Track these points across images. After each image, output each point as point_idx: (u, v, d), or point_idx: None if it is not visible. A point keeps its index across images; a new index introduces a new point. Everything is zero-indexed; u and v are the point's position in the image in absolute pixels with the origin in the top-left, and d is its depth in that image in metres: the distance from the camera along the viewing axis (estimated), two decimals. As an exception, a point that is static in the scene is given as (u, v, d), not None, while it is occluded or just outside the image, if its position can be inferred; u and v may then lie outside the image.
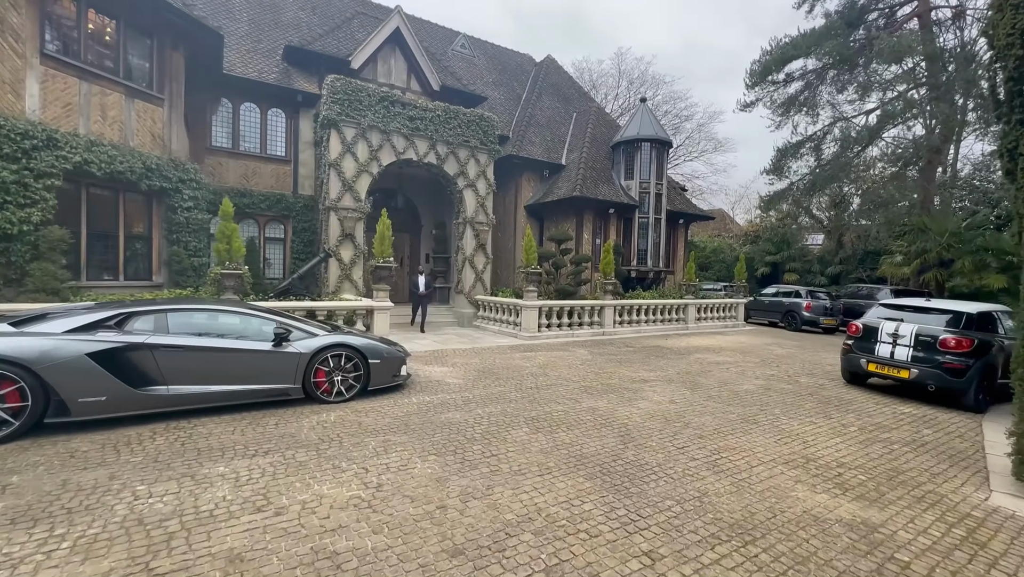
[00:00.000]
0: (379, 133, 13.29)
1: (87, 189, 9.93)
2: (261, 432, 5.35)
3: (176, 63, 11.50)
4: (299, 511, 3.69)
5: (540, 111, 19.77)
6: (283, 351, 6.21)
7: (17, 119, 8.61)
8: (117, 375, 5.34)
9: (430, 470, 4.52)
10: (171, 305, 6.11)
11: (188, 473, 4.29)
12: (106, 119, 10.15)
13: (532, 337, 12.39)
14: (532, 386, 7.76)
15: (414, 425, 5.71)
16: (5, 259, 8.50)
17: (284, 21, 16.55)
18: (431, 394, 7.10)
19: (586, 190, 16.40)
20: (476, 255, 14.80)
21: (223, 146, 14.51)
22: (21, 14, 8.83)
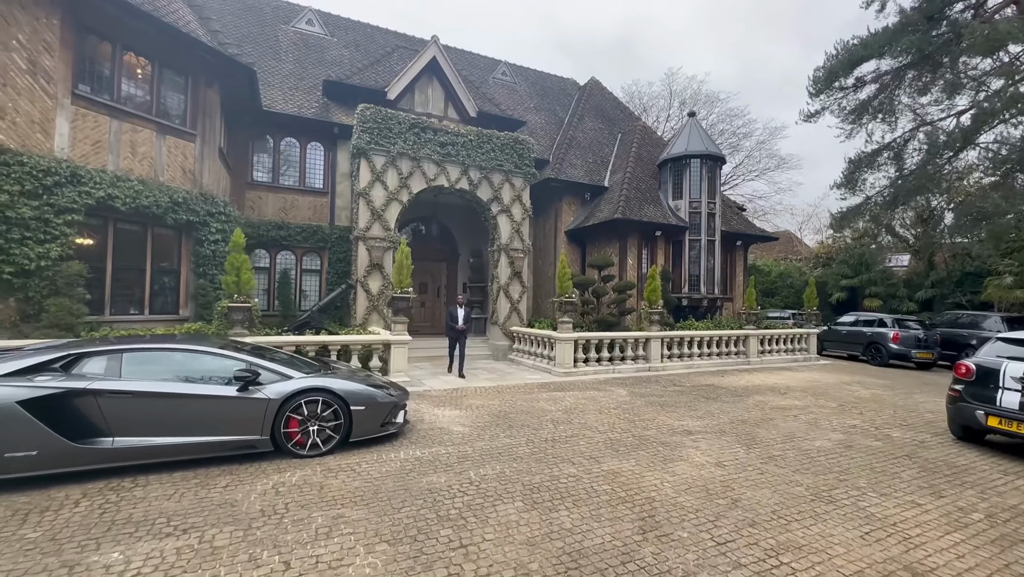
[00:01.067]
0: (409, 160, 12.67)
1: (114, 224, 9.80)
2: (202, 497, 4.39)
3: (210, 100, 11.43)
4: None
5: (582, 133, 18.68)
6: (249, 397, 5.28)
7: (43, 157, 8.56)
8: (53, 426, 4.58)
9: (369, 571, 3.33)
10: (128, 345, 5.39)
11: (69, 563, 3.35)
12: (136, 155, 10.07)
13: (567, 373, 10.99)
14: (548, 438, 6.42)
15: (385, 492, 4.56)
16: (23, 294, 8.32)
17: (327, 59, 16.62)
18: (425, 447, 5.94)
19: (629, 212, 14.96)
20: (511, 284, 13.70)
21: (263, 181, 14.44)
22: (55, 57, 8.88)
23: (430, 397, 8.75)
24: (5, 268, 8.03)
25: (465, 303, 11.14)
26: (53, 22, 8.85)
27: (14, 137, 8.34)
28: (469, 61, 20.32)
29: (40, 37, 8.68)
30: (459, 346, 11.00)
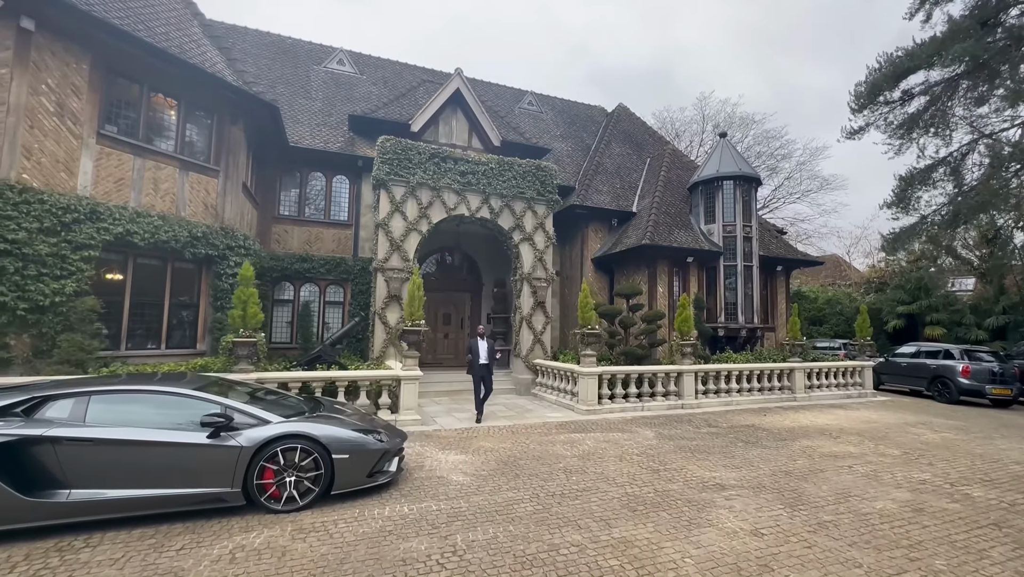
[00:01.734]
0: (429, 190, 12.35)
1: (134, 259, 9.78)
2: (149, 564, 3.83)
3: (234, 137, 11.51)
4: None
5: (609, 159, 18.04)
6: (220, 444, 4.75)
7: (63, 195, 8.63)
8: (4, 478, 4.21)
9: None
10: (97, 386, 4.99)
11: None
12: (158, 191, 10.12)
13: (590, 411, 10.08)
14: (556, 492, 5.60)
15: (353, 563, 3.87)
16: (36, 330, 8.26)
17: (356, 96, 16.81)
18: (415, 501, 5.23)
19: (658, 237, 14.09)
20: (534, 314, 12.99)
21: (289, 214, 14.47)
22: (82, 99, 9.06)
23: (438, 438, 8.06)
24: (20, 304, 7.99)
25: (487, 334, 9.58)
26: (83, 66, 9.05)
27: (38, 176, 8.44)
28: (496, 92, 20.23)
29: (69, 81, 8.86)
30: (484, 385, 9.47)
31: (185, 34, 11.09)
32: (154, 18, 10.50)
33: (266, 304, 13.77)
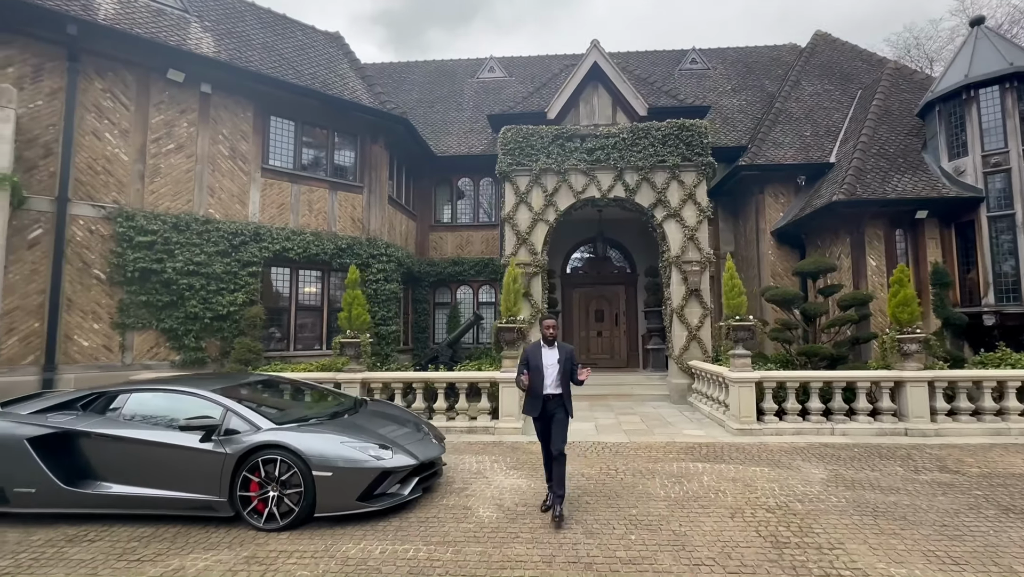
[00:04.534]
0: (554, 175, 11.00)
1: (296, 271, 10.98)
2: (108, 567, 3.59)
3: (376, 154, 12.15)
4: None
5: (796, 103, 13.65)
6: (208, 449, 4.39)
7: (235, 222, 10.10)
8: (51, 466, 4.55)
9: None
10: (138, 386, 5.20)
11: None
12: (312, 211, 11.21)
13: (744, 430, 7.23)
14: (584, 558, 3.71)
15: None
16: (220, 335, 9.77)
17: (503, 98, 16.48)
18: (402, 540, 3.99)
19: (864, 188, 9.77)
20: (687, 305, 10.33)
21: (444, 222, 14.84)
22: (248, 141, 10.57)
23: (521, 453, 6.66)
24: (207, 314, 9.55)
25: (551, 336, 4.92)
26: (247, 114, 10.55)
27: (219, 209, 10.06)
28: (651, 60, 17.54)
29: (238, 128, 10.41)
30: (554, 432, 4.69)
31: (332, 71, 12.17)
32: (304, 62, 11.76)
33: (426, 307, 14.32)
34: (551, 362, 4.81)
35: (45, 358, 8.30)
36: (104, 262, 8.89)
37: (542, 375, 4.75)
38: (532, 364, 4.76)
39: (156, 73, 9.49)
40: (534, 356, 4.82)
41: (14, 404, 5.08)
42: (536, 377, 4.72)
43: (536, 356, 4.82)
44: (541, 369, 4.77)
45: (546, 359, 4.83)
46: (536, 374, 4.73)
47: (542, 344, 4.91)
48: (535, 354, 4.83)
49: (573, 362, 4.87)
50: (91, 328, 8.79)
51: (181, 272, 9.28)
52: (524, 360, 4.86)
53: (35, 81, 8.53)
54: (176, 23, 10.29)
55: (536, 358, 4.81)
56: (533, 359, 4.80)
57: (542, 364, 4.79)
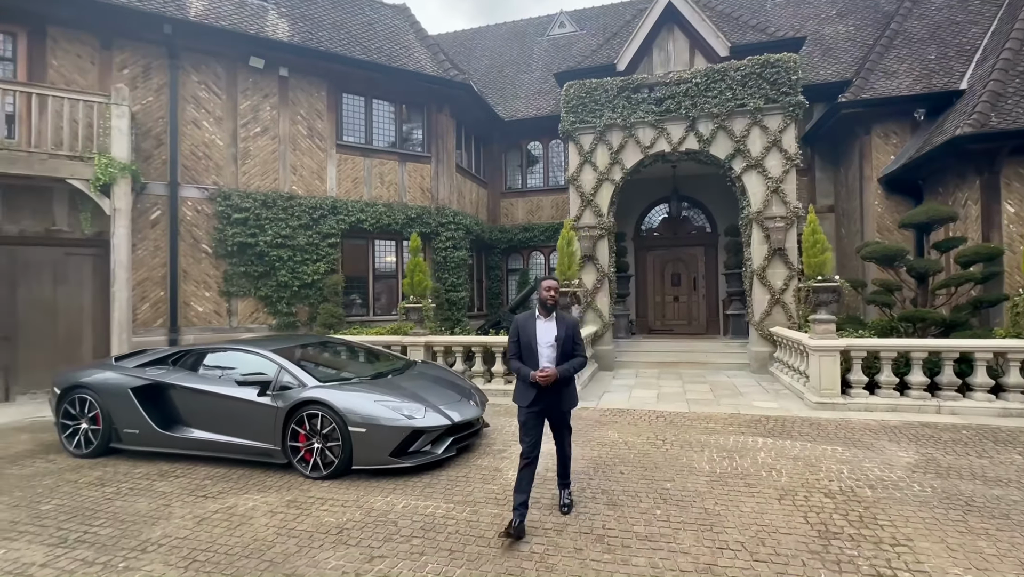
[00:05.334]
0: (619, 131, 10.27)
1: (372, 241, 11.52)
2: (158, 505, 4.11)
3: (441, 123, 12.19)
4: None
5: (918, 20, 11.17)
6: (264, 403, 4.82)
7: (315, 197, 10.77)
8: (148, 411, 5.27)
9: None
10: (213, 346, 5.79)
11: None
12: (384, 183, 11.61)
13: (824, 404, 6.39)
14: (599, 521, 3.52)
15: (270, 555, 3.20)
16: (307, 302, 10.61)
17: (572, 54, 15.58)
18: (422, 497, 4.10)
19: (1004, 117, 7.80)
20: (769, 266, 9.26)
21: (514, 188, 14.65)
22: (324, 120, 11.10)
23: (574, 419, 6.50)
24: (295, 283, 10.39)
25: (553, 301, 3.78)
26: (321, 93, 11.04)
27: (301, 186, 10.77)
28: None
29: (314, 108, 10.96)
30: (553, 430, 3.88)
31: (398, 43, 12.29)
32: (371, 37, 11.97)
33: (498, 273, 14.43)
34: (547, 339, 3.68)
35: (170, 321, 9.58)
36: (209, 238, 9.94)
37: (535, 354, 3.68)
38: (523, 340, 3.76)
39: (241, 62, 10.19)
40: (526, 330, 3.75)
41: (124, 359, 5.94)
42: (528, 357, 3.71)
43: (529, 329, 3.73)
44: (533, 347, 3.69)
45: (541, 335, 3.70)
46: (527, 353, 3.71)
47: (537, 314, 3.79)
48: (527, 327, 3.75)
49: (576, 341, 3.77)
50: (203, 296, 9.97)
51: (271, 245, 10.13)
52: (514, 334, 3.81)
53: (145, 79, 9.56)
54: (256, 12, 10.92)
55: (528, 332, 3.73)
56: (524, 333, 3.75)
57: (535, 341, 3.69)
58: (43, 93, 8.16)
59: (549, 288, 3.76)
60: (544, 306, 3.76)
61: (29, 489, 4.44)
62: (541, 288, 3.78)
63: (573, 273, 7.72)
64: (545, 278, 3.83)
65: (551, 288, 3.76)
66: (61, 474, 4.83)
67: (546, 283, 3.78)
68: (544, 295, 3.75)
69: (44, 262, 8.83)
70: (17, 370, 8.55)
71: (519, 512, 3.43)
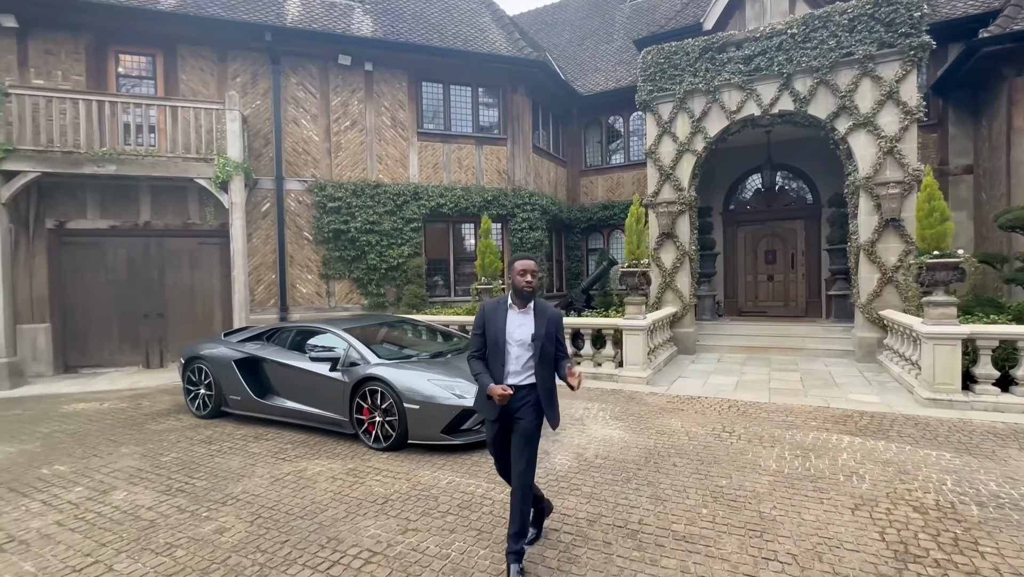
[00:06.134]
0: (702, 97, 9.37)
1: (452, 224, 11.82)
2: (249, 465, 4.63)
3: (517, 103, 12.02)
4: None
5: None
6: (334, 377, 5.21)
7: (399, 184, 11.25)
8: (247, 381, 5.93)
9: None
10: (300, 324, 6.32)
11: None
12: (462, 167, 11.79)
13: (938, 400, 5.38)
14: (625, 514, 3.31)
15: (321, 518, 3.49)
16: (393, 284, 11.21)
17: (657, 18, 14.38)
18: (464, 474, 4.19)
19: None
20: (881, 240, 7.93)
21: (594, 165, 14.12)
22: (405, 109, 11.49)
23: (637, 403, 6.21)
24: (382, 265, 11.03)
25: (530, 288, 2.81)
26: (402, 84, 11.42)
27: (386, 174, 11.31)
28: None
29: (396, 98, 11.38)
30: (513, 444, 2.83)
31: (473, 27, 12.26)
32: (448, 23, 12.07)
33: (578, 253, 14.14)
34: (520, 337, 2.81)
35: (280, 301, 10.67)
36: (309, 226, 10.85)
37: (501, 355, 2.81)
38: (488, 333, 2.86)
39: (331, 61, 10.82)
40: (493, 321, 2.86)
41: (231, 335, 6.74)
42: (493, 356, 2.83)
43: (497, 321, 2.85)
44: (500, 345, 2.81)
45: (512, 330, 2.82)
46: (493, 351, 2.83)
47: (510, 302, 2.89)
48: (495, 318, 2.86)
49: (559, 339, 2.91)
50: (306, 278, 10.96)
51: (361, 231, 10.82)
52: (479, 324, 2.91)
53: (253, 85, 10.55)
54: (343, 12, 11.51)
55: (496, 325, 2.84)
56: (491, 325, 2.85)
57: (502, 336, 2.82)
58: (175, 105, 9.32)
59: (525, 271, 2.81)
60: (520, 294, 2.84)
61: (157, 443, 5.26)
62: (515, 271, 2.83)
63: (643, 252, 7.27)
64: (522, 257, 2.87)
65: (527, 271, 2.81)
66: (183, 432, 5.65)
67: (521, 264, 2.83)
68: (519, 281, 2.82)
69: (183, 251, 10.25)
70: (168, 341, 10.09)
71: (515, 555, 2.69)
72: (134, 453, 4.92)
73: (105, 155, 8.65)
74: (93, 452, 4.95)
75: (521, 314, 2.86)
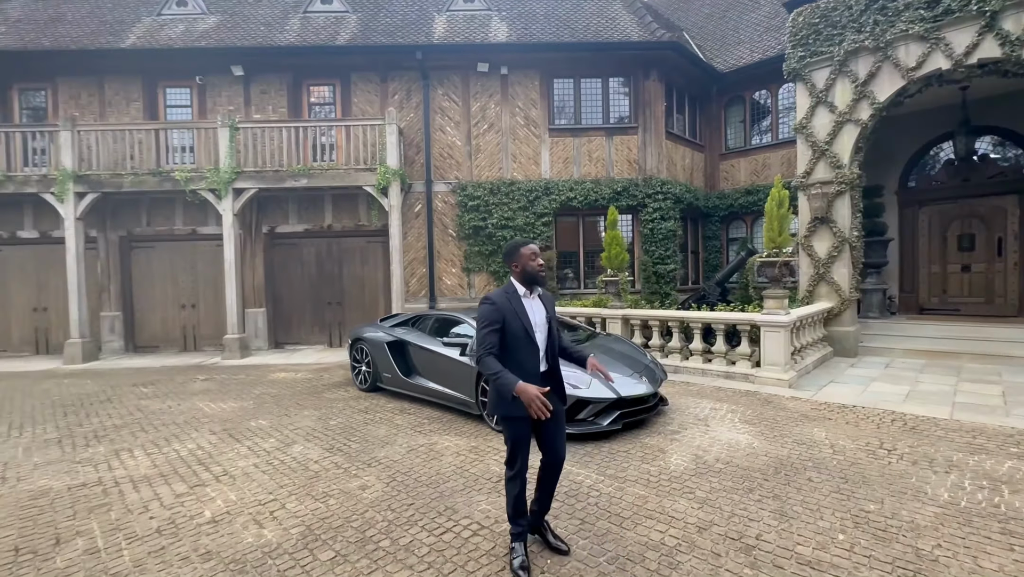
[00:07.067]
0: (868, 56, 7.78)
1: (582, 217, 11.70)
2: (405, 434, 5.21)
3: (649, 89, 11.35)
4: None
5: None
6: (464, 361, 5.58)
7: (531, 180, 11.48)
8: (396, 361, 6.67)
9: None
10: (436, 312, 6.83)
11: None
12: (591, 160, 11.57)
13: None
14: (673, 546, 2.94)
15: (408, 493, 3.81)
16: (525, 275, 11.51)
17: (819, -30, 12.28)
18: (582, 465, 4.15)
19: None
20: None
21: (735, 147, 12.69)
22: (538, 108, 11.64)
23: (769, 407, 5.50)
24: (516, 258, 11.42)
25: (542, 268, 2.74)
26: (534, 83, 11.59)
27: (519, 172, 11.65)
28: None
29: (529, 98, 11.62)
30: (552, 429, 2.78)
31: (603, 17, 11.92)
32: (578, 17, 11.92)
33: (716, 244, 12.96)
34: (540, 321, 2.74)
35: (429, 292, 11.75)
36: (453, 224, 11.70)
37: (532, 342, 2.67)
38: (511, 328, 2.63)
39: (471, 70, 11.44)
40: (514, 312, 2.65)
41: (385, 320, 7.63)
42: (519, 351, 2.64)
43: (518, 311, 2.66)
44: (531, 335, 2.66)
45: (535, 315, 2.72)
46: (519, 344, 2.64)
47: (521, 290, 2.73)
48: (515, 308, 2.66)
49: (557, 321, 2.96)
50: (450, 272, 11.88)
51: (497, 227, 11.32)
52: (495, 319, 2.62)
53: (408, 100, 11.67)
54: (482, 23, 12.07)
55: (518, 315, 2.65)
56: (513, 318, 2.64)
57: (529, 323, 2.66)
58: (348, 124, 10.75)
59: (535, 254, 2.74)
60: (535, 279, 2.73)
61: (328, 409, 6.23)
62: (525, 256, 2.72)
63: (785, 240, 6.35)
64: (526, 241, 2.79)
65: (537, 254, 2.76)
66: (347, 401, 6.60)
67: (530, 248, 2.75)
68: (532, 265, 2.71)
69: (355, 248, 11.87)
70: (344, 324, 11.79)
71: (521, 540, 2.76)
72: (312, 416, 5.90)
73: (300, 171, 10.37)
74: (285, 412, 6.06)
75: (532, 299, 2.77)
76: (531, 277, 2.73)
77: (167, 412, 6.17)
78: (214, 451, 4.72)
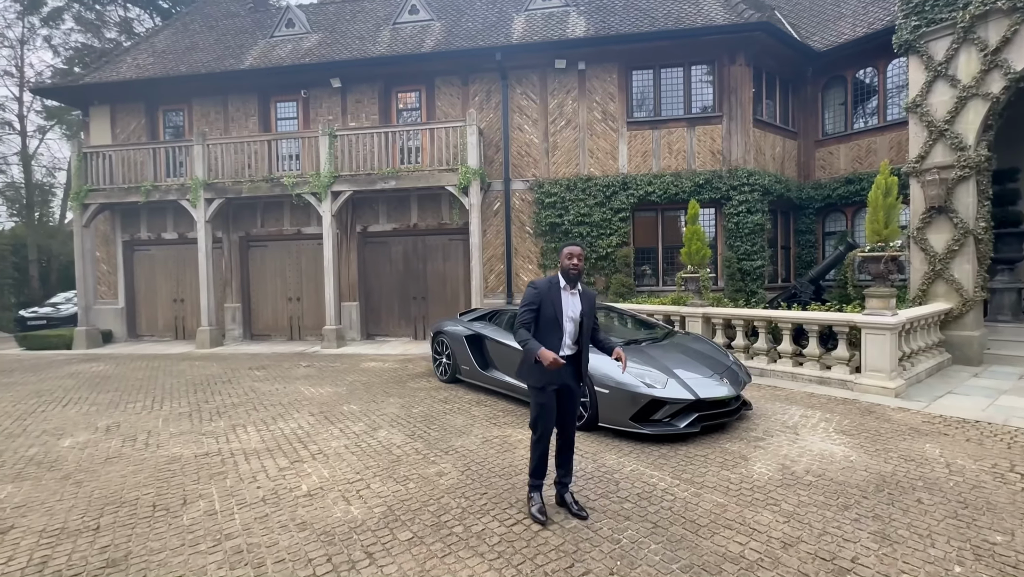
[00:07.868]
0: (1002, 18, 6.56)
1: (661, 212, 11.18)
2: (477, 429, 5.35)
3: (734, 75, 10.53)
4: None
5: None
6: (536, 357, 5.57)
7: (608, 176, 11.16)
8: (473, 354, 6.84)
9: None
10: (513, 308, 6.87)
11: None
12: (672, 152, 11.00)
13: None
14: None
15: (486, 478, 3.85)
16: (603, 273, 11.21)
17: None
18: (656, 468, 3.97)
19: None
20: None
21: (834, 132, 11.38)
22: (615, 101, 11.29)
23: (871, 416, 4.89)
24: (592, 255, 11.18)
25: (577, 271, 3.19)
26: (612, 76, 11.26)
27: (596, 167, 11.40)
28: None
29: (607, 91, 11.31)
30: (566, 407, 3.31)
31: (686, 1, 11.21)
32: (658, 5, 11.38)
33: (811, 238, 11.81)
34: (572, 313, 3.21)
35: (506, 288, 11.90)
36: (530, 221, 11.72)
37: (559, 330, 3.17)
38: (545, 312, 3.16)
39: (548, 67, 11.35)
40: (552, 299, 3.17)
41: (464, 314, 7.83)
42: (549, 332, 3.15)
43: (555, 300, 3.17)
44: (560, 321, 3.16)
45: (567, 306, 3.19)
46: (550, 327, 3.15)
47: (562, 284, 3.22)
48: (553, 296, 3.17)
49: (596, 318, 3.43)
50: (527, 268, 11.93)
51: (573, 223, 11.17)
52: (534, 300, 3.18)
53: (487, 101, 11.86)
54: (560, 19, 11.93)
55: (554, 303, 3.16)
56: (548, 305, 3.16)
57: (560, 312, 3.16)
58: (432, 127, 11.17)
59: (572, 255, 3.22)
60: (567, 276, 3.23)
61: (411, 397, 6.54)
62: (563, 256, 3.25)
63: (892, 232, 5.57)
64: (569, 244, 3.26)
65: (574, 255, 3.21)
66: (429, 391, 6.89)
67: (569, 249, 3.23)
68: (566, 264, 3.22)
69: (438, 246, 12.33)
70: (428, 318, 12.31)
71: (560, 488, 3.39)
72: (396, 403, 6.23)
73: (389, 173, 10.95)
74: (373, 399, 6.46)
75: (572, 295, 3.24)
76: (564, 273, 3.24)
77: (275, 393, 6.85)
78: (312, 431, 5.15)
